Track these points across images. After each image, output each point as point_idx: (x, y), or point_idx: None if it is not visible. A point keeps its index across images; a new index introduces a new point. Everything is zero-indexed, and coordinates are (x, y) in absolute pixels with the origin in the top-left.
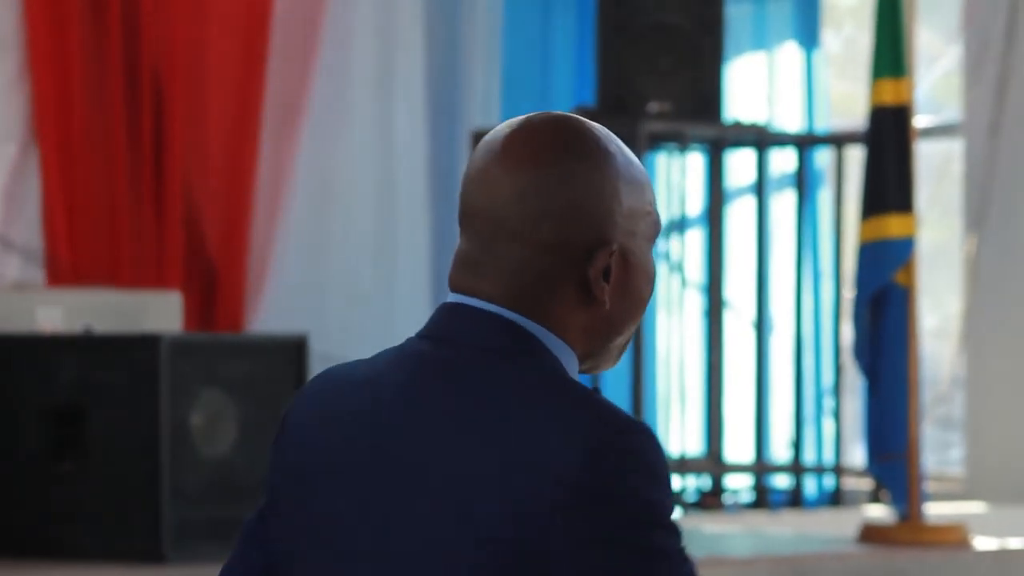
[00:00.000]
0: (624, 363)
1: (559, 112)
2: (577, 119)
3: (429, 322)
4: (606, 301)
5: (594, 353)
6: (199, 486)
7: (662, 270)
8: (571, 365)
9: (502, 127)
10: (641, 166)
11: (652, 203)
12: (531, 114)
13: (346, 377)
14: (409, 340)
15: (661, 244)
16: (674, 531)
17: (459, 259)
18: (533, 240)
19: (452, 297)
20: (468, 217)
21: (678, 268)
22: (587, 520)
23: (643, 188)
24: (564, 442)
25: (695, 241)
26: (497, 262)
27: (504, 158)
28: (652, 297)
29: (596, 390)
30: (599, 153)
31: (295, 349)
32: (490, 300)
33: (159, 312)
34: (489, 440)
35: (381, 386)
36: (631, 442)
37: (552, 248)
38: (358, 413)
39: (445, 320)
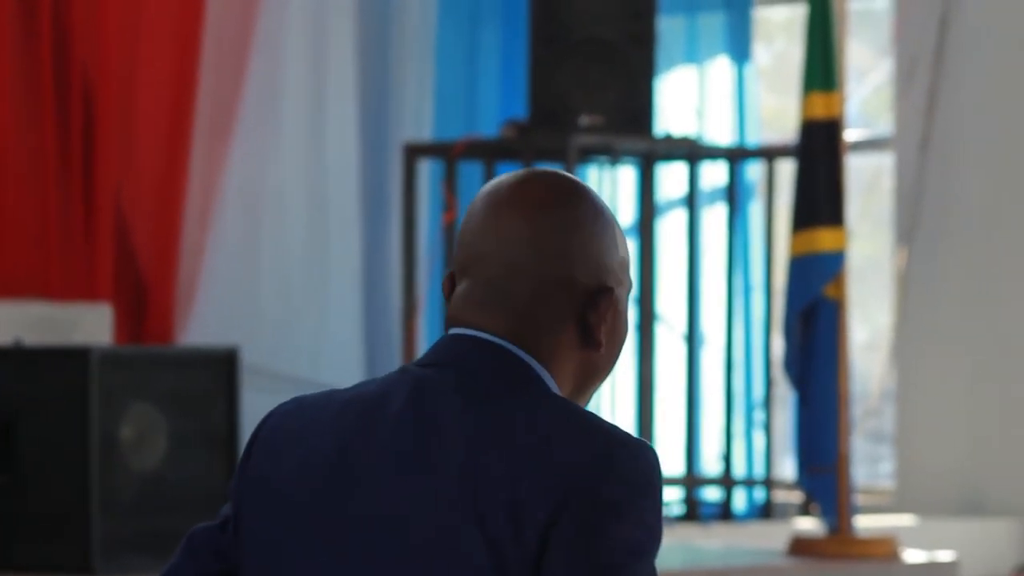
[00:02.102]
0: None
1: (553, 170)
2: (570, 176)
3: (431, 351)
4: (603, 344)
5: (575, 394)
6: (129, 499)
7: None
8: None
9: (504, 179)
10: None
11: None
12: (529, 169)
13: (327, 398)
14: (407, 366)
15: None
16: (655, 545)
17: (461, 299)
18: (544, 278)
19: (455, 330)
20: (473, 261)
21: None
22: (577, 522)
23: (625, 243)
24: (571, 453)
25: None
26: (503, 301)
27: (515, 203)
28: None
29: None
30: (599, 205)
31: (226, 362)
32: (494, 335)
33: (89, 324)
34: (500, 448)
35: (388, 401)
36: (633, 454)
37: (561, 287)
38: (362, 426)
39: (450, 347)
